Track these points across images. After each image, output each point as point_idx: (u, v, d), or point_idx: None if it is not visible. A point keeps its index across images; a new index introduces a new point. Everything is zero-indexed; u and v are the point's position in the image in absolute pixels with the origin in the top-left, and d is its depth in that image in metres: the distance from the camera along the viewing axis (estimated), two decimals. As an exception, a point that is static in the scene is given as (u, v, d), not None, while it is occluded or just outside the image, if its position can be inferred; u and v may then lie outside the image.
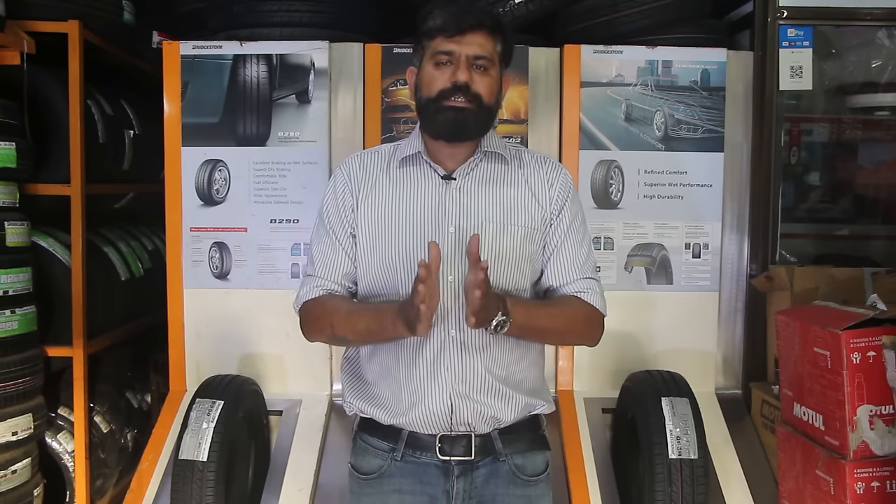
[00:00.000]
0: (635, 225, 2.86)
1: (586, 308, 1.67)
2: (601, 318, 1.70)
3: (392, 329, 1.52)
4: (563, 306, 1.66)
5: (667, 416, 2.39)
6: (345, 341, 1.68)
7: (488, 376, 1.62)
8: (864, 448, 2.07)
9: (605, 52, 2.84)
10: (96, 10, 2.97)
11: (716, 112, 2.85)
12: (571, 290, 1.68)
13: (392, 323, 1.51)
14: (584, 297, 1.67)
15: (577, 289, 1.67)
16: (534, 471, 1.69)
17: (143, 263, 3.42)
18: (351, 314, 1.62)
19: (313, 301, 1.67)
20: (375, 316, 1.58)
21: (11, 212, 2.68)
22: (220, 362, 2.81)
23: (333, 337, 1.65)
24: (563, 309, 1.66)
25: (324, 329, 1.64)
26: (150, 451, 2.69)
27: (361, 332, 1.60)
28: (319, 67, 2.81)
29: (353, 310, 1.64)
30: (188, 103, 2.81)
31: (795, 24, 2.89)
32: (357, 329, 1.60)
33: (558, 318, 1.65)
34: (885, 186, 3.58)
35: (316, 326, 1.66)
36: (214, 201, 2.83)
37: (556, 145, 2.86)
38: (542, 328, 1.63)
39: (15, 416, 2.64)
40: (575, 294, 1.67)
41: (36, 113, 2.83)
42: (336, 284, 1.67)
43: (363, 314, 1.62)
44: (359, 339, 1.64)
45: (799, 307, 2.51)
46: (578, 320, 1.67)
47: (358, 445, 1.72)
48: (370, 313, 1.61)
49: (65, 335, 2.88)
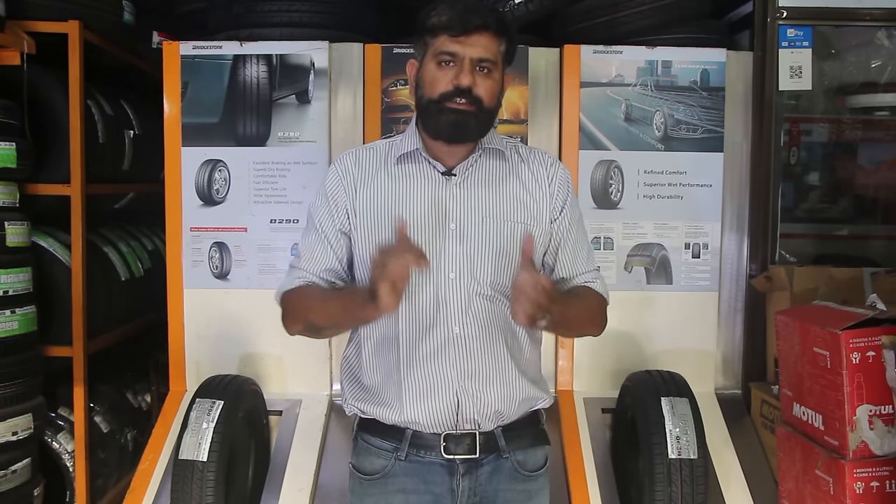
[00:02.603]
0: (635, 225, 2.86)
1: (598, 298, 1.71)
2: (606, 307, 1.74)
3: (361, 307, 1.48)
4: (583, 297, 1.69)
5: (666, 416, 2.39)
6: (319, 330, 1.67)
7: (492, 372, 1.62)
8: (864, 448, 2.07)
9: (604, 52, 2.84)
10: (96, 10, 2.98)
11: (715, 112, 2.85)
12: (582, 281, 1.71)
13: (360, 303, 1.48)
14: (594, 286, 1.71)
15: (588, 279, 1.71)
16: (534, 466, 1.70)
17: (143, 263, 3.42)
18: (325, 299, 1.62)
19: (292, 290, 1.66)
20: (347, 296, 1.59)
21: (11, 212, 2.68)
22: (220, 362, 2.81)
23: (308, 325, 1.63)
24: (584, 300, 1.69)
25: (300, 317, 1.63)
26: (150, 451, 2.68)
27: (333, 314, 1.59)
28: (319, 67, 2.81)
29: (328, 294, 1.64)
30: (188, 103, 2.81)
31: (795, 25, 2.89)
32: (329, 312, 1.60)
33: (582, 310, 1.68)
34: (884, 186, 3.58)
35: (294, 315, 1.65)
36: (214, 201, 2.83)
37: (556, 145, 2.86)
38: (570, 320, 1.63)
39: (15, 416, 2.64)
40: (585, 284, 1.71)
41: (36, 113, 2.83)
42: (317, 277, 1.66)
43: (335, 296, 1.62)
44: (331, 325, 1.64)
45: (799, 307, 2.51)
46: (594, 310, 1.71)
47: (359, 446, 1.71)
48: (341, 294, 1.61)
49: (65, 335, 2.89)
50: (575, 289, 1.70)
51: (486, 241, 1.61)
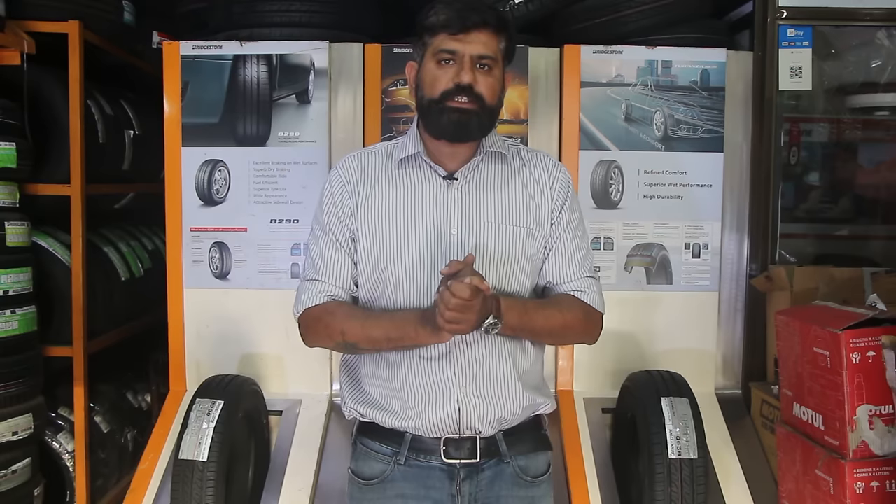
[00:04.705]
0: (635, 225, 2.86)
1: (583, 308, 1.66)
2: (599, 317, 1.69)
3: (415, 336, 1.51)
4: (559, 306, 1.64)
5: (667, 416, 2.39)
6: (354, 348, 1.63)
7: (494, 378, 1.61)
8: (864, 448, 2.07)
9: (604, 52, 2.84)
10: (96, 10, 2.98)
11: (715, 112, 2.85)
12: (568, 290, 1.67)
13: (415, 330, 1.50)
14: (581, 296, 1.66)
15: (574, 288, 1.66)
16: (536, 471, 1.69)
17: (143, 263, 3.42)
18: (366, 322, 1.59)
19: (320, 308, 1.62)
20: (394, 323, 1.56)
21: (11, 212, 2.68)
22: (220, 362, 2.81)
23: (343, 344, 1.61)
24: (560, 309, 1.64)
25: (333, 336, 1.60)
26: (150, 451, 2.68)
27: (377, 339, 1.57)
28: (319, 67, 2.81)
29: (369, 317, 1.61)
30: (188, 103, 2.81)
31: (795, 25, 2.89)
32: (373, 337, 1.57)
33: (554, 319, 1.62)
34: (884, 186, 3.58)
35: (323, 333, 1.61)
36: (214, 201, 2.83)
37: (556, 145, 2.86)
38: (537, 329, 1.61)
39: (15, 416, 2.64)
40: (571, 293, 1.66)
41: (36, 113, 2.83)
42: (340, 289, 1.64)
43: (380, 322, 1.58)
44: (372, 347, 1.60)
45: (799, 307, 2.51)
46: (575, 320, 1.65)
47: (358, 450, 1.69)
48: (387, 321, 1.58)
49: (65, 335, 2.89)
50: (556, 297, 1.66)
51: (488, 245, 1.59)
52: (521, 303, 1.61)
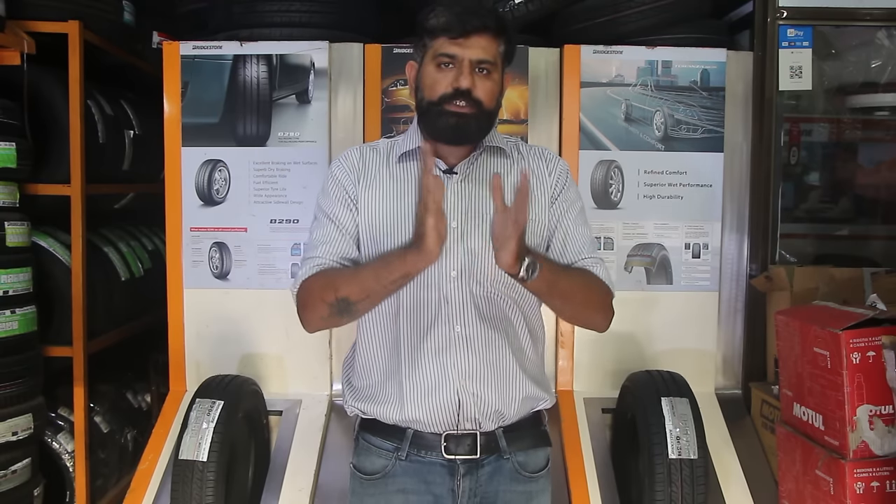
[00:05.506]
0: (635, 225, 2.86)
1: (599, 281, 1.64)
2: (611, 298, 1.68)
3: (402, 263, 1.46)
4: (581, 272, 1.63)
5: (667, 416, 2.39)
6: (348, 305, 1.54)
7: (494, 370, 1.62)
8: (864, 448, 2.07)
9: (604, 52, 2.84)
10: (96, 10, 2.98)
11: (715, 112, 2.85)
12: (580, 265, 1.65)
13: (401, 256, 1.46)
14: (594, 270, 1.65)
15: (586, 263, 1.65)
16: (535, 467, 1.70)
17: (143, 263, 3.42)
18: (356, 271, 1.57)
19: (315, 275, 1.59)
20: (382, 258, 1.53)
21: (11, 212, 2.68)
22: (220, 362, 2.81)
23: (337, 303, 1.53)
24: (582, 275, 1.63)
25: (326, 297, 1.53)
26: (150, 451, 2.69)
27: (367, 282, 1.51)
28: (319, 68, 2.81)
29: (358, 267, 1.59)
30: (188, 103, 2.81)
31: (795, 25, 2.89)
32: (364, 282, 1.51)
33: (578, 284, 1.61)
34: (884, 186, 3.58)
35: (318, 297, 1.56)
36: (214, 201, 2.83)
37: (556, 145, 2.86)
38: (564, 290, 1.58)
39: (15, 416, 2.64)
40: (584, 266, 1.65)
41: (36, 113, 2.83)
42: (336, 262, 1.61)
43: (368, 265, 1.56)
44: (365, 296, 1.52)
45: (799, 307, 2.51)
46: (594, 290, 1.63)
47: (360, 445, 1.71)
48: (375, 260, 1.56)
49: (65, 335, 2.89)
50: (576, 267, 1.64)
51: (487, 238, 1.59)
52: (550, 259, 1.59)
